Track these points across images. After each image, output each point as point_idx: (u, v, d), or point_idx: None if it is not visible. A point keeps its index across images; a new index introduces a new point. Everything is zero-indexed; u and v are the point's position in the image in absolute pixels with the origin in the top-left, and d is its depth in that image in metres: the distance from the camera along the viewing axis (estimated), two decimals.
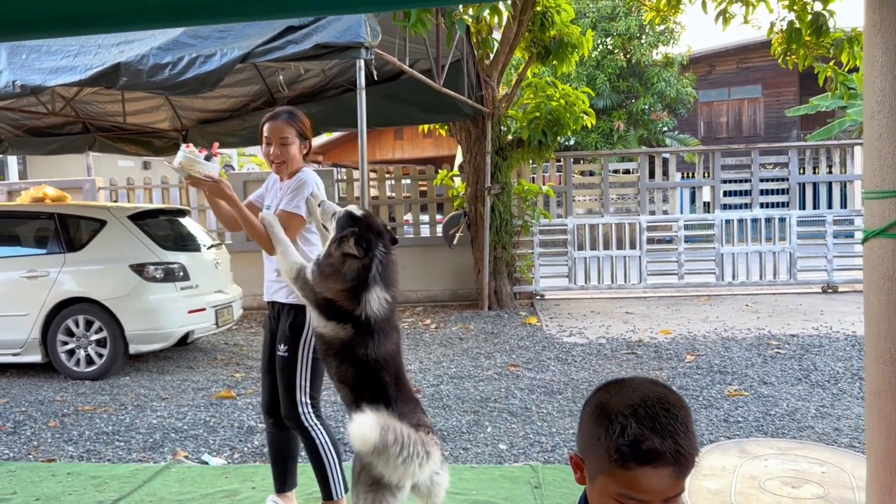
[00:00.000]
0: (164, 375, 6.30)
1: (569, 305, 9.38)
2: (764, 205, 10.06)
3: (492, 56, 8.92)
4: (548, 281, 10.06)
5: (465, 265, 9.73)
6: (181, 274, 6.51)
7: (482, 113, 8.67)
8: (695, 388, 5.25)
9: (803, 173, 10.08)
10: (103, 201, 10.26)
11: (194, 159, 2.71)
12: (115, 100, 7.78)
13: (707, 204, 11.32)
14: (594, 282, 9.99)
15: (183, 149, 2.74)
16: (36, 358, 6.38)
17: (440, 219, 10.24)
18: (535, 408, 4.90)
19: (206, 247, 7.18)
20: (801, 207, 10.00)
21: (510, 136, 9.20)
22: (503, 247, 9.22)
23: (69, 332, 6.32)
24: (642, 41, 20.10)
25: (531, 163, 9.73)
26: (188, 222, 7.46)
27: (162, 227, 6.97)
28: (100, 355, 6.29)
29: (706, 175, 10.24)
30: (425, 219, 10.54)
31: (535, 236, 9.82)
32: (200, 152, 2.77)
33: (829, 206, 10.03)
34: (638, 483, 1.18)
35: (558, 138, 8.92)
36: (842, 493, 3.10)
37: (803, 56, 7.30)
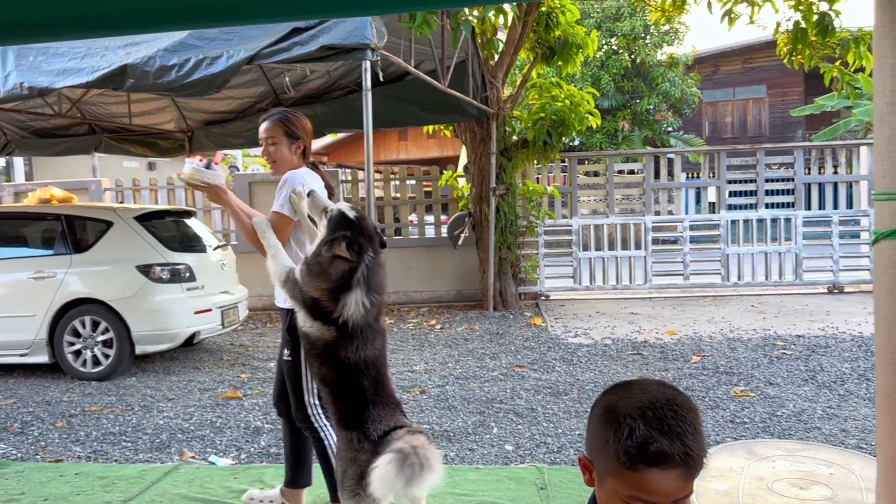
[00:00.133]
0: (171, 376, 6.32)
1: (574, 306, 9.37)
2: (769, 205, 10.03)
3: (497, 57, 8.92)
4: (553, 281, 10.06)
5: (469, 266, 9.73)
6: (187, 275, 6.53)
7: (487, 114, 8.67)
8: (701, 388, 5.24)
9: (809, 173, 10.07)
10: (109, 202, 10.29)
11: (201, 170, 2.93)
12: (121, 101, 7.80)
13: (712, 204, 11.30)
14: (599, 282, 9.98)
15: (189, 161, 2.97)
16: (43, 359, 6.40)
17: (445, 219, 10.24)
18: (541, 409, 4.90)
19: (211, 248, 7.21)
20: (807, 208, 9.98)
21: (515, 137, 9.19)
22: (508, 247, 9.22)
23: (76, 333, 6.34)
24: (647, 41, 20.09)
25: (536, 163, 9.73)
26: (194, 223, 7.48)
27: (168, 229, 6.99)
28: (106, 356, 6.31)
29: (711, 175, 10.22)
30: (430, 219, 10.54)
31: (540, 237, 9.82)
32: (200, 160, 2.99)
33: (835, 206, 9.99)
34: (646, 485, 1.18)
35: (563, 139, 8.91)
36: (850, 495, 3.09)
37: (809, 56, 7.27)
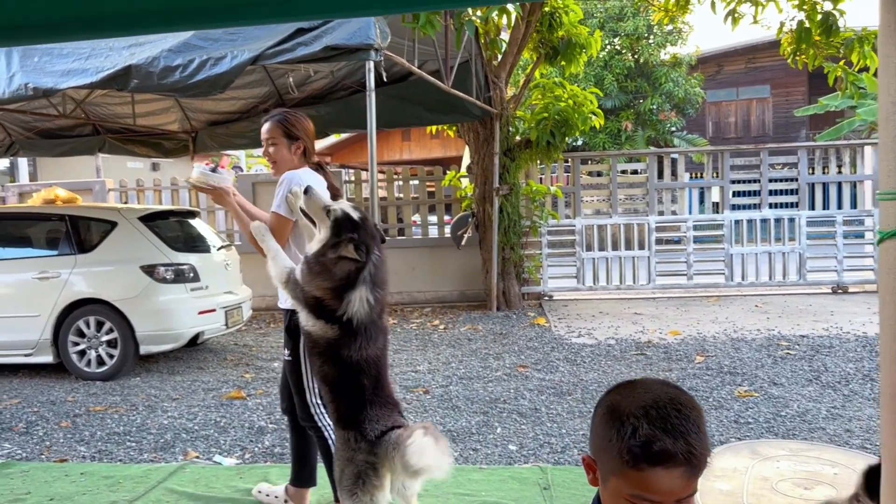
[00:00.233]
0: (175, 376, 6.33)
1: (577, 306, 9.37)
2: (773, 205, 10.02)
3: (500, 57, 8.92)
4: (556, 282, 10.05)
5: (473, 266, 9.73)
6: (191, 275, 6.54)
7: (490, 114, 8.67)
8: (705, 389, 5.24)
9: (813, 173, 10.04)
10: (113, 203, 10.32)
11: (207, 174, 3.09)
12: (125, 102, 7.82)
13: (716, 204, 11.29)
14: (603, 282, 9.98)
15: (196, 166, 3.13)
16: (47, 358, 6.42)
17: (448, 220, 10.24)
18: (545, 409, 4.90)
19: (215, 248, 7.22)
20: (811, 208, 9.96)
21: (518, 137, 9.19)
22: (511, 247, 9.22)
23: (80, 333, 6.36)
24: (650, 41, 20.08)
25: (539, 163, 9.73)
26: (198, 223, 7.49)
27: (172, 229, 7.01)
28: (110, 356, 6.33)
29: (715, 175, 10.21)
30: (433, 220, 10.54)
31: (544, 237, 9.81)
32: (207, 164, 3.16)
33: (839, 206, 9.97)
34: (650, 484, 1.18)
35: (566, 139, 8.91)
36: None
37: (813, 56, 7.26)
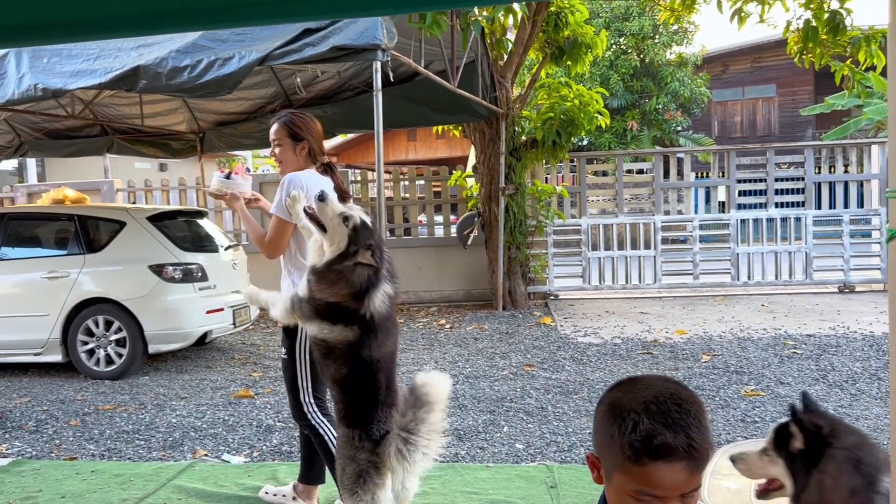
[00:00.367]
0: (183, 375, 6.37)
1: (583, 305, 9.38)
2: (779, 204, 10.00)
3: (506, 57, 8.93)
4: (562, 281, 10.06)
5: (479, 265, 9.75)
6: (199, 274, 6.57)
7: (496, 114, 8.68)
8: (711, 388, 5.24)
9: (819, 173, 10.04)
10: (121, 203, 10.38)
11: (223, 181, 3.26)
12: (133, 102, 7.86)
13: (722, 204, 11.25)
14: (608, 282, 9.98)
15: (216, 174, 3.31)
16: (57, 358, 6.47)
17: (454, 219, 10.26)
18: (551, 407, 4.92)
19: (223, 248, 7.25)
20: (817, 207, 9.94)
21: (524, 137, 9.20)
22: (517, 247, 9.23)
23: (89, 332, 6.40)
24: (656, 41, 20.04)
25: (545, 163, 9.73)
26: (206, 223, 7.53)
27: (180, 229, 7.05)
28: (119, 355, 6.37)
29: (721, 175, 10.20)
30: (439, 219, 10.57)
31: (549, 236, 9.82)
32: (221, 172, 3.35)
33: (846, 205, 9.95)
34: (652, 479, 1.19)
35: (572, 139, 8.92)
36: None
37: (819, 55, 7.25)
